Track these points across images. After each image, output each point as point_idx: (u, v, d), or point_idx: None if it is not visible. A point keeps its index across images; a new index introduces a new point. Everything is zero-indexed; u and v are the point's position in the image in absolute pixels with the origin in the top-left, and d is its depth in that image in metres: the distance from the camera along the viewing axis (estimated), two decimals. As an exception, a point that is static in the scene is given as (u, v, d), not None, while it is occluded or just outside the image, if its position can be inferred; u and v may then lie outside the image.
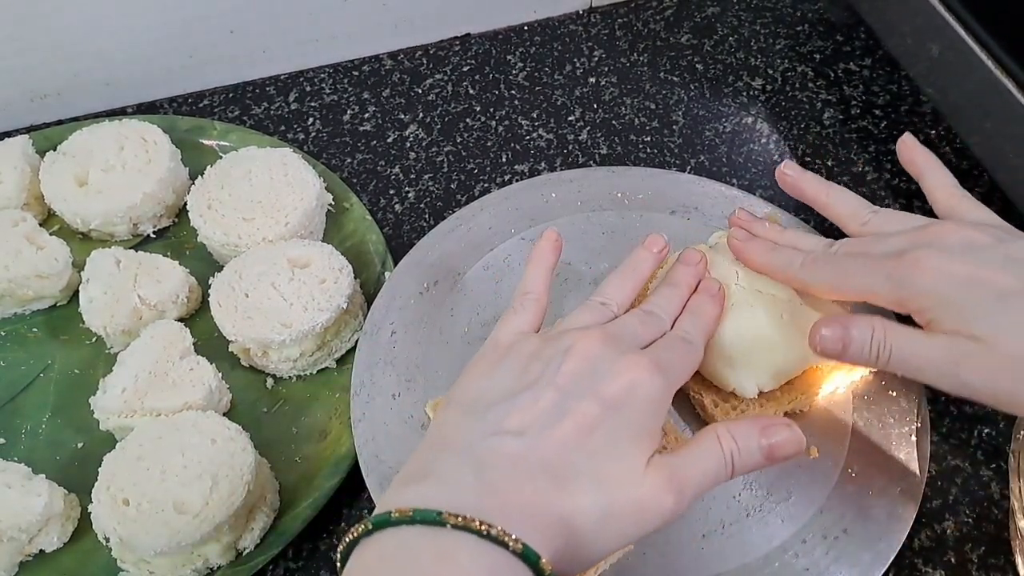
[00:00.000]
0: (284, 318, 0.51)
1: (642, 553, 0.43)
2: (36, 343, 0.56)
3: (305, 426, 0.52)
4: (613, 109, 0.69)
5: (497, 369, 0.39)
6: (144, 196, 0.58)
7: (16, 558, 0.47)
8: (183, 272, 0.56)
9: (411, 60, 0.72)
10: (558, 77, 0.71)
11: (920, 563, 0.48)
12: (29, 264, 0.54)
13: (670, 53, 0.73)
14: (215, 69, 0.69)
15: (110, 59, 0.66)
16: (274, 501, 0.48)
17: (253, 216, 0.56)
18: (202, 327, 0.55)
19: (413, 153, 0.66)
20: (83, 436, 0.51)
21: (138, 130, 0.60)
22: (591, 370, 0.37)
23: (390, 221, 0.62)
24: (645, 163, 0.65)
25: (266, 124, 0.68)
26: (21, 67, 0.64)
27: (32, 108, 0.67)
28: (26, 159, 0.59)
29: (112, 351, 0.55)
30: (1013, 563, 0.47)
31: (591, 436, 0.35)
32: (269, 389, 0.54)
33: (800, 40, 0.74)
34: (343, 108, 0.69)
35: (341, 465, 0.49)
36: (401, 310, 0.51)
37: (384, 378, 0.48)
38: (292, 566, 0.48)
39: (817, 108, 0.69)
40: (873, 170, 0.65)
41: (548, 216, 0.55)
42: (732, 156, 0.66)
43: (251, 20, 0.67)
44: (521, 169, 0.65)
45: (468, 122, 0.68)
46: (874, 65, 0.71)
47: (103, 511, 0.45)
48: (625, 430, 0.35)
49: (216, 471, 0.45)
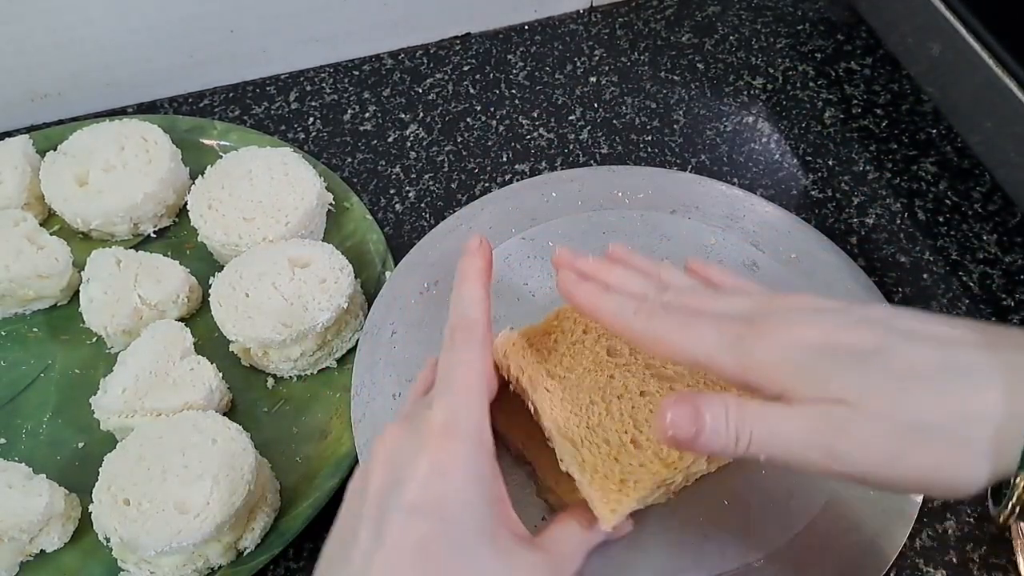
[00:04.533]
0: (284, 318, 0.51)
1: (643, 553, 0.43)
2: (37, 343, 0.56)
3: (305, 426, 0.52)
4: (614, 108, 0.69)
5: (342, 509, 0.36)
6: (145, 196, 0.58)
7: (17, 558, 0.47)
8: (183, 272, 0.56)
9: (412, 59, 0.72)
10: (559, 76, 0.71)
11: (921, 563, 0.48)
12: (30, 264, 0.54)
13: (671, 52, 0.73)
14: (215, 69, 0.69)
15: (110, 59, 0.66)
16: (275, 501, 0.48)
17: (253, 216, 0.56)
18: (202, 327, 0.55)
19: (414, 153, 0.66)
20: (84, 436, 0.51)
21: (138, 130, 0.60)
22: (393, 479, 0.34)
23: (390, 221, 0.62)
24: (646, 162, 0.65)
25: (266, 124, 0.68)
26: (21, 67, 0.64)
27: (32, 108, 0.67)
28: (26, 159, 0.59)
29: (112, 351, 0.55)
30: (1015, 563, 0.46)
31: (426, 560, 0.32)
32: (269, 389, 0.54)
33: (801, 39, 0.74)
34: (343, 108, 0.69)
35: (342, 465, 0.49)
36: (401, 310, 0.51)
37: (384, 378, 0.48)
38: (293, 566, 0.48)
39: (818, 107, 0.69)
40: (874, 169, 0.65)
41: (549, 215, 0.55)
42: (733, 155, 0.66)
43: (251, 20, 0.67)
44: (522, 168, 0.65)
45: (469, 121, 0.68)
46: (875, 64, 0.71)
47: (104, 511, 0.45)
48: (457, 532, 0.32)
49: (217, 471, 0.45)
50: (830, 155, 0.66)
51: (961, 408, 0.31)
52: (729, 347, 0.35)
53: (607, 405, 0.43)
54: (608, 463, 0.40)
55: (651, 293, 0.39)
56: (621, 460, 0.41)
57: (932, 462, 0.31)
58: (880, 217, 0.62)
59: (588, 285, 0.40)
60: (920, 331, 0.34)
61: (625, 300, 0.39)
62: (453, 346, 0.38)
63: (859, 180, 0.64)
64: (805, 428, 0.32)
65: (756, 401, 0.34)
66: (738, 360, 0.35)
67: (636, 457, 0.41)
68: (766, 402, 0.34)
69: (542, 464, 0.44)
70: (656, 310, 0.38)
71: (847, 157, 0.65)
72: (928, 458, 0.31)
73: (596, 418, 0.42)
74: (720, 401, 0.34)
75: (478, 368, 0.37)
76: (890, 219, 0.62)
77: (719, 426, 0.33)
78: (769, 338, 0.34)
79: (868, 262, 0.59)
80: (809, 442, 0.32)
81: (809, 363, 0.33)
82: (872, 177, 0.64)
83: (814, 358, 0.33)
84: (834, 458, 0.32)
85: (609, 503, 0.39)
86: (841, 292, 0.51)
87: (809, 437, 0.32)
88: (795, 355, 0.34)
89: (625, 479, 0.40)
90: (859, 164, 0.65)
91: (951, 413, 0.31)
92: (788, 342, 0.34)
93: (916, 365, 0.32)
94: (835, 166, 0.65)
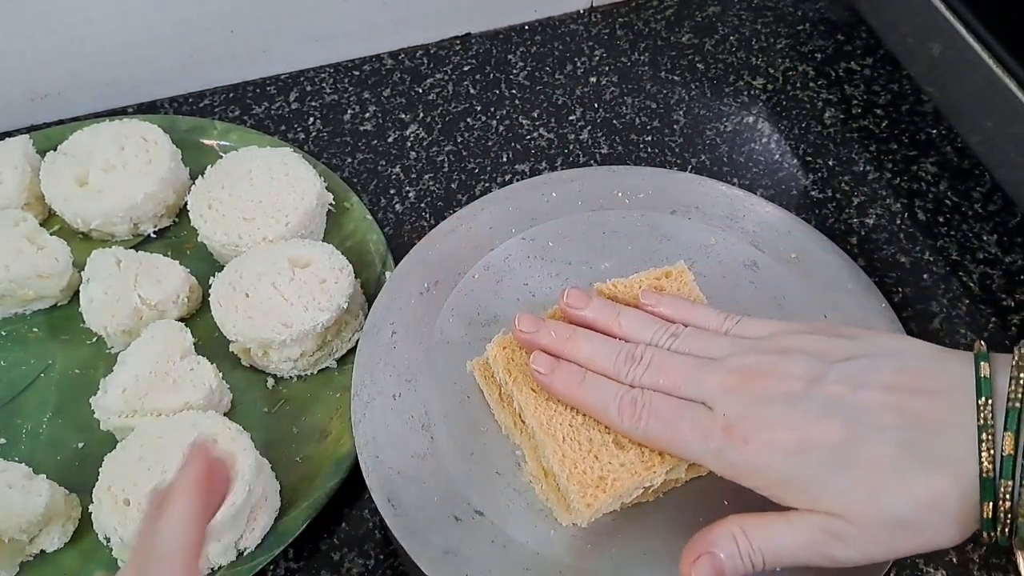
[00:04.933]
0: (285, 318, 0.51)
1: (643, 553, 0.43)
2: (37, 343, 0.56)
3: (306, 426, 0.52)
4: (614, 108, 0.69)
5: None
6: (145, 196, 0.58)
7: (17, 558, 0.47)
8: (183, 272, 0.56)
9: (412, 59, 0.72)
10: (559, 76, 0.71)
11: (921, 563, 0.48)
12: (30, 264, 0.54)
13: (671, 52, 0.73)
14: (215, 69, 0.69)
15: (110, 59, 0.66)
16: (274, 501, 0.48)
17: (253, 216, 0.56)
18: (202, 327, 0.55)
19: (414, 153, 0.66)
20: (84, 436, 0.51)
21: (138, 130, 0.60)
22: None
23: (390, 221, 0.62)
24: (646, 162, 0.65)
25: (266, 124, 0.68)
26: (21, 67, 0.64)
27: (32, 108, 0.67)
28: (26, 159, 0.59)
29: (112, 351, 0.55)
30: (1015, 563, 0.46)
31: None
32: (270, 389, 0.54)
33: (801, 39, 0.74)
34: (343, 108, 0.69)
35: (342, 465, 0.49)
36: (401, 310, 0.51)
37: (384, 378, 0.48)
38: (292, 566, 0.48)
39: (818, 107, 0.69)
40: (874, 169, 0.65)
41: (549, 215, 0.55)
42: (733, 155, 0.66)
43: (251, 20, 0.67)
44: (522, 169, 0.65)
45: (469, 122, 0.68)
46: (875, 64, 0.71)
47: (104, 511, 0.45)
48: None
49: (216, 471, 0.45)
50: (830, 155, 0.66)
51: (926, 497, 0.35)
52: (715, 456, 0.38)
53: None
54: (588, 460, 0.41)
55: (622, 367, 0.42)
56: (601, 458, 0.41)
57: (918, 544, 0.36)
58: (880, 217, 0.62)
59: (562, 373, 0.42)
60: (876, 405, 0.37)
61: (604, 391, 0.41)
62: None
63: (859, 180, 0.64)
64: (805, 540, 0.36)
65: (757, 518, 0.37)
66: (725, 468, 0.38)
67: (617, 457, 0.41)
68: (766, 517, 0.37)
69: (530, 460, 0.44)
70: (637, 407, 0.40)
71: (847, 157, 0.65)
72: (914, 542, 0.36)
73: (580, 418, 0.43)
74: (728, 535, 0.37)
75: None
76: (890, 219, 0.62)
77: (737, 562, 0.37)
78: (747, 448, 0.37)
79: (868, 262, 0.59)
80: (812, 552, 0.36)
81: (791, 472, 0.37)
82: (872, 177, 0.64)
83: (793, 465, 0.37)
84: (836, 561, 0.36)
85: (585, 498, 0.40)
86: (841, 292, 0.51)
87: (811, 548, 0.36)
88: (775, 463, 0.37)
89: (604, 476, 0.41)
90: (859, 164, 0.65)
91: (919, 504, 0.35)
92: (765, 449, 0.37)
93: (882, 457, 0.35)
94: (835, 166, 0.65)
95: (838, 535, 0.36)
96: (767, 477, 0.37)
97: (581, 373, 0.42)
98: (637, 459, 0.41)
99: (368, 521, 0.50)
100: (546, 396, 0.43)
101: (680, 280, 0.48)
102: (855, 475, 0.36)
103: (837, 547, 0.36)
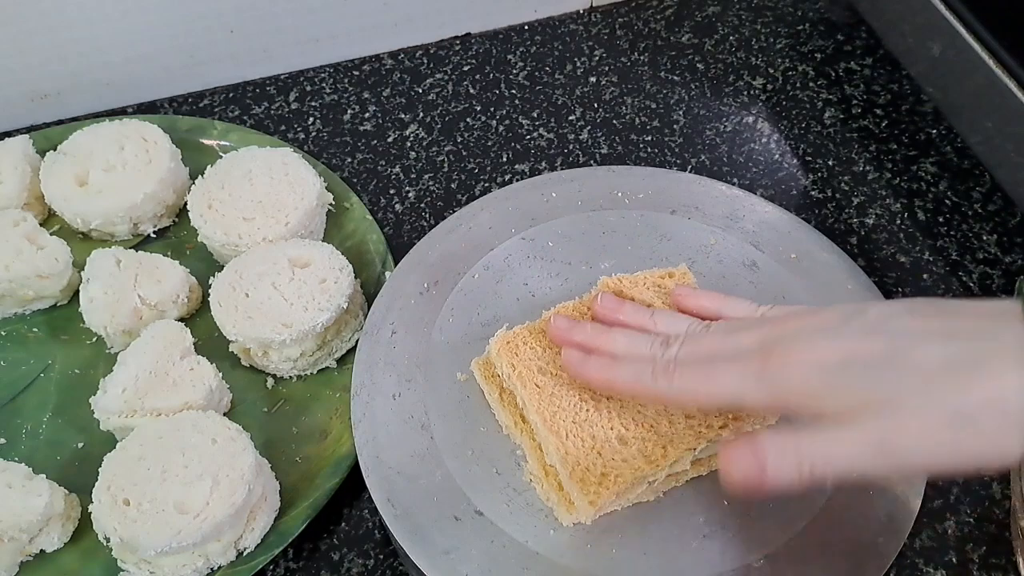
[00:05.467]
0: (284, 318, 0.51)
1: (643, 553, 0.43)
2: (37, 343, 0.56)
3: (305, 426, 0.52)
4: (614, 108, 0.69)
5: None
6: (144, 196, 0.58)
7: (17, 558, 0.47)
8: (183, 272, 0.56)
9: (411, 59, 0.72)
10: (559, 76, 0.71)
11: (921, 563, 0.48)
12: (30, 264, 0.54)
13: (671, 52, 0.73)
14: (215, 69, 0.69)
15: (110, 59, 0.66)
16: (274, 501, 0.48)
17: (253, 216, 0.56)
18: (202, 327, 0.55)
19: (413, 153, 0.66)
20: (83, 436, 0.51)
21: (138, 130, 0.60)
22: None
23: (390, 221, 0.62)
24: (646, 162, 0.65)
25: (266, 124, 0.68)
26: (21, 67, 0.64)
27: (32, 108, 0.67)
28: (26, 159, 0.59)
29: (112, 351, 0.55)
30: (1015, 563, 0.47)
31: None
32: (269, 389, 0.54)
33: (801, 39, 0.74)
34: (343, 108, 0.69)
35: (341, 465, 0.49)
36: (401, 310, 0.51)
37: (384, 378, 0.48)
38: (292, 566, 0.48)
39: (818, 107, 0.69)
40: (874, 169, 0.65)
41: (549, 215, 0.55)
42: (733, 155, 0.66)
43: (251, 20, 0.67)
44: (522, 169, 0.65)
45: (468, 122, 0.68)
46: (875, 64, 0.71)
47: (104, 511, 0.45)
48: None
49: (217, 471, 0.45)
50: (830, 155, 0.66)
51: (986, 394, 0.32)
52: (755, 382, 0.36)
53: (596, 403, 0.43)
54: (591, 456, 0.41)
55: (658, 351, 0.40)
56: (604, 455, 0.41)
57: (981, 447, 0.33)
58: (880, 217, 0.62)
59: (595, 361, 0.42)
60: (917, 329, 0.35)
61: (638, 365, 0.40)
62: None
63: (859, 180, 0.64)
64: (860, 440, 0.34)
65: (805, 431, 0.35)
66: (767, 391, 0.36)
67: (620, 453, 0.41)
68: (815, 428, 0.35)
69: (532, 460, 0.44)
70: (672, 367, 0.39)
71: (847, 157, 0.65)
72: (978, 444, 0.32)
73: (584, 414, 0.43)
74: (775, 438, 0.35)
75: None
76: (890, 219, 0.62)
77: (782, 462, 0.34)
78: (788, 365, 0.36)
79: (868, 262, 0.59)
80: (869, 451, 0.33)
81: (836, 380, 0.35)
82: (872, 177, 0.64)
83: (838, 375, 0.35)
84: (896, 456, 0.33)
85: (588, 495, 0.40)
86: (841, 292, 0.51)
87: (867, 447, 0.33)
88: (819, 375, 0.35)
89: (607, 473, 0.41)
90: (859, 164, 0.65)
91: (979, 400, 0.32)
92: (807, 365, 0.35)
93: (934, 360, 0.33)
94: (835, 166, 0.65)
95: (894, 424, 0.33)
96: (811, 391, 0.35)
97: (613, 358, 0.42)
98: (640, 454, 0.41)
99: (368, 521, 0.50)
100: (549, 392, 0.43)
101: (682, 282, 0.48)
102: (908, 374, 0.34)
103: (894, 437, 0.33)
